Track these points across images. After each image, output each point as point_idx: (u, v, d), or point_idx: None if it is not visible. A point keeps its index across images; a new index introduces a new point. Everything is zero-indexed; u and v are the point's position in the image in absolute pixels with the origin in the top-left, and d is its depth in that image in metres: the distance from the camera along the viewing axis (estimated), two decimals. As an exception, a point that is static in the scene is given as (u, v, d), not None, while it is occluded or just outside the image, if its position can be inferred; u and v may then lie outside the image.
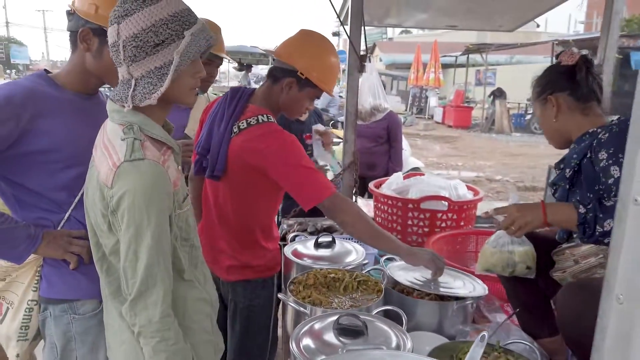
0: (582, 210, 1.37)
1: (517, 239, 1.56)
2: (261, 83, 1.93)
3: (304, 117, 2.99)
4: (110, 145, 1.15)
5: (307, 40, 1.85)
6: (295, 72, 1.76)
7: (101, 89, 1.60)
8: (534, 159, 10.70)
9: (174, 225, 1.20)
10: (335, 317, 1.35)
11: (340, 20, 2.91)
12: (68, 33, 1.47)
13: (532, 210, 1.48)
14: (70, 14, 1.45)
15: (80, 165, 1.37)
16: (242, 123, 1.71)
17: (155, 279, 1.11)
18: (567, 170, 1.54)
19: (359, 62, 2.80)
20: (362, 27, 2.78)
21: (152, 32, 1.12)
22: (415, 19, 3.72)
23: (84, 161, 1.30)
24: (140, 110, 1.19)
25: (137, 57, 1.14)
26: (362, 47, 2.82)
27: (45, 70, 1.50)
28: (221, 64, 2.51)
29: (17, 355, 1.54)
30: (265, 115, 1.74)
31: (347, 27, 2.82)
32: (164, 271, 1.13)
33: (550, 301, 1.72)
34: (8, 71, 26.63)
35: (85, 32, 1.41)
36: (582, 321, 1.30)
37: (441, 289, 1.72)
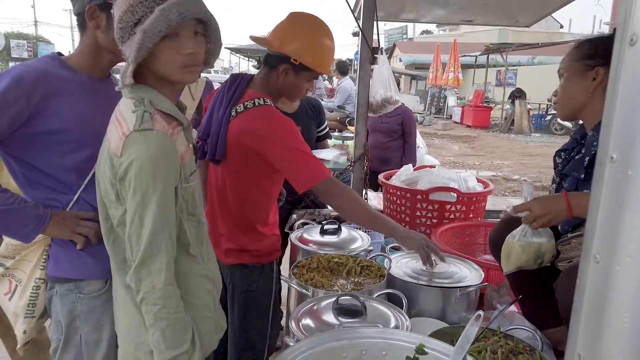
0: None
1: (538, 231, 1.50)
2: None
3: (293, 108, 2.85)
4: (121, 117, 1.19)
5: (297, 24, 1.84)
6: (289, 59, 1.76)
7: (115, 75, 1.63)
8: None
9: (180, 197, 1.22)
10: (335, 298, 1.36)
11: (354, 14, 2.92)
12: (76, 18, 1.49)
13: (555, 203, 1.41)
14: None
15: (90, 147, 1.40)
16: (240, 106, 1.73)
17: (159, 247, 1.13)
18: (587, 158, 1.49)
19: (371, 54, 2.80)
20: (375, 19, 2.79)
21: (130, 12, 1.15)
22: (431, 14, 3.70)
23: (94, 143, 1.32)
24: (151, 86, 1.22)
25: (123, 38, 1.18)
26: (375, 39, 2.83)
27: (58, 53, 1.53)
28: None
29: (24, 332, 1.58)
30: (262, 99, 1.75)
31: (360, 21, 2.83)
32: (168, 240, 1.15)
33: (554, 291, 1.71)
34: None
35: (92, 10, 1.43)
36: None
37: (440, 281, 1.72)
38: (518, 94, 16.29)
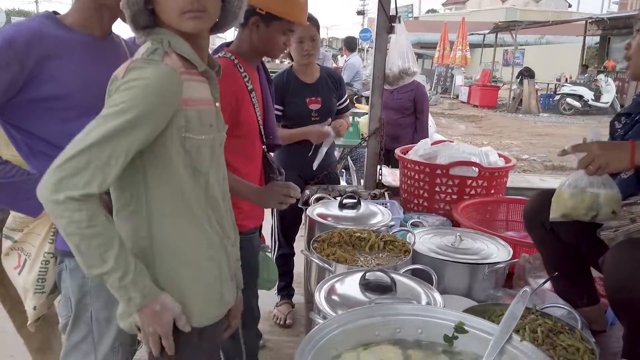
0: None
1: (597, 181, 1.35)
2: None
3: (313, 78, 2.77)
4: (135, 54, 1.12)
5: None
6: (255, 10, 1.73)
7: (115, 33, 1.51)
8: (562, 139, 10.37)
9: (181, 146, 1.13)
10: (361, 273, 1.28)
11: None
12: None
13: (617, 149, 1.30)
14: None
15: (94, 113, 1.30)
16: None
17: (89, 164, 1.00)
18: None
19: (389, 23, 2.67)
20: (392, -14, 2.65)
21: None
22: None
23: (98, 108, 1.23)
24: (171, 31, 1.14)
25: None
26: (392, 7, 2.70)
27: (53, 11, 1.40)
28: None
29: (34, 308, 1.51)
30: (224, 52, 1.73)
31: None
32: (106, 166, 1.01)
33: (591, 268, 1.62)
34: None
35: None
36: (635, 283, 1.20)
37: (467, 257, 1.64)
38: (527, 73, 16.02)
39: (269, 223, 3.05)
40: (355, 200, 1.94)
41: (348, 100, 2.95)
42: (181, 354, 1.18)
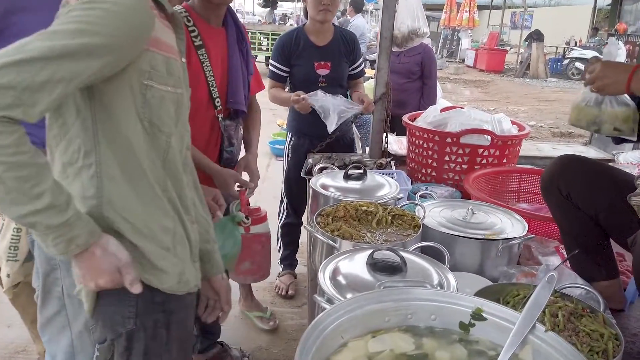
0: None
1: (616, 98, 1.40)
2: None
3: (325, 40, 2.57)
4: None
5: None
6: None
7: None
8: (570, 105, 10.18)
9: (141, 95, 1.00)
10: (368, 252, 1.19)
11: None
12: None
13: (617, 73, 1.30)
14: None
15: None
16: None
17: (17, 82, 0.82)
18: None
19: (397, -21, 2.50)
20: (402, -61, 2.47)
21: None
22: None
23: None
24: None
25: None
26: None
27: None
28: None
29: (8, 275, 1.45)
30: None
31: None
32: (37, 92, 0.84)
33: (610, 240, 1.53)
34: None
35: None
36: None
37: (480, 232, 1.55)
38: (536, 36, 15.58)
39: (279, 189, 2.98)
40: (361, 171, 1.84)
41: (362, 65, 2.78)
42: (145, 331, 1.07)
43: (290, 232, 2.93)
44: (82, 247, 0.95)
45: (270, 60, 2.67)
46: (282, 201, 2.92)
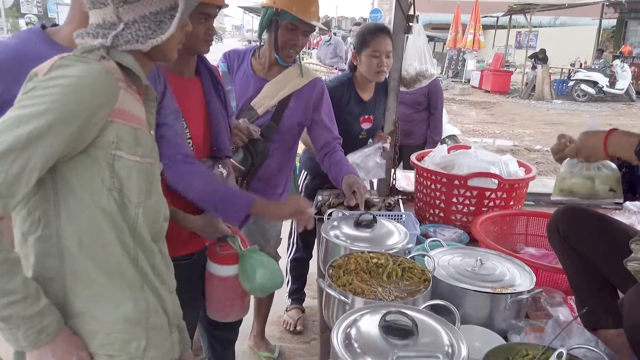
0: None
1: (602, 163, 1.43)
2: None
3: (369, 95, 2.61)
4: None
5: None
6: None
7: None
8: (577, 128, 10.20)
9: (108, 165, 1.00)
10: (380, 313, 1.22)
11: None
12: None
13: (594, 137, 1.34)
14: None
15: None
16: None
17: (7, 169, 0.84)
18: None
19: (406, 22, 2.57)
20: (411, -17, 2.54)
21: None
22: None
23: None
24: None
25: None
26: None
27: (42, 25, 1.27)
28: (311, 32, 2.13)
29: None
30: None
31: (394, -16, 2.58)
32: (14, 184, 0.86)
33: (618, 291, 1.55)
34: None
35: None
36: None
37: (489, 284, 1.57)
38: (541, 56, 15.68)
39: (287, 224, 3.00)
40: (370, 219, 1.87)
41: None
42: None
43: (298, 267, 2.96)
44: (51, 336, 0.96)
45: None
46: (291, 235, 2.95)
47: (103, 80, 0.96)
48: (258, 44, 2.20)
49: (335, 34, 10.14)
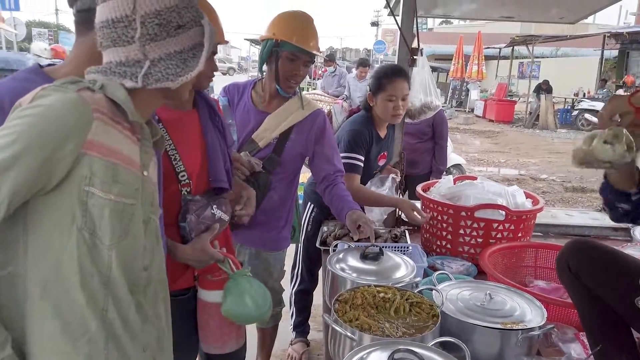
0: None
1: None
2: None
3: (384, 133, 2.63)
4: None
5: None
6: None
7: None
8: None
9: (79, 202, 0.94)
10: (388, 351, 1.19)
11: (390, 7, 2.71)
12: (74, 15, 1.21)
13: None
14: None
15: None
16: None
17: None
18: None
19: (410, 55, 2.60)
20: (414, 18, 2.58)
21: (176, 12, 1.05)
22: (468, 8, 3.48)
23: None
24: None
25: (158, 36, 1.03)
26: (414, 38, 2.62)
27: (38, 64, 1.24)
28: (311, 62, 2.16)
29: None
30: None
31: (398, 18, 2.62)
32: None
33: (632, 330, 1.51)
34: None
35: None
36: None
37: (499, 320, 1.53)
38: (545, 87, 15.83)
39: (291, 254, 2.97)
40: (377, 251, 1.85)
41: None
42: None
43: (303, 299, 2.92)
44: None
45: (346, 153, 2.50)
46: (294, 267, 2.92)
47: (71, 109, 0.92)
48: (257, 76, 2.22)
49: (339, 65, 10.38)
